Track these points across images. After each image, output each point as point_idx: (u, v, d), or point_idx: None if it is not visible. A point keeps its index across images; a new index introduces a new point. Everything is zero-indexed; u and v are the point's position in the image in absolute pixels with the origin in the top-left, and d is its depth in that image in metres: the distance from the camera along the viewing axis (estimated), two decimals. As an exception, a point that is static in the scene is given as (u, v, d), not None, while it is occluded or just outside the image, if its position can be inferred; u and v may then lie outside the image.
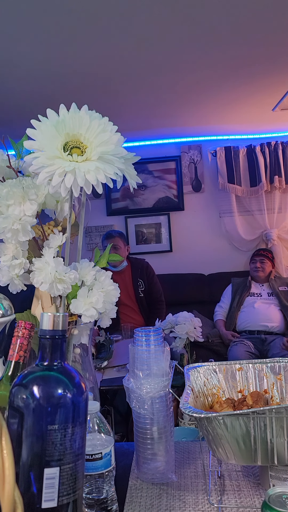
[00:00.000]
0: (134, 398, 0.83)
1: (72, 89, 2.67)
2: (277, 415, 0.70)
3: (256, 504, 0.76)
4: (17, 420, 0.55)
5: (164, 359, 0.84)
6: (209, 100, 3.05)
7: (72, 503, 0.56)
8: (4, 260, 0.75)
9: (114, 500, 0.75)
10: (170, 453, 0.85)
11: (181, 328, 1.81)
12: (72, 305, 0.74)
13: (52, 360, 0.59)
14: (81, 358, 0.82)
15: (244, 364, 0.95)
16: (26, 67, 2.34)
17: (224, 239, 4.04)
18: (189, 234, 4.06)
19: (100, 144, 0.68)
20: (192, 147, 4.02)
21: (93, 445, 0.72)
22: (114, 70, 2.46)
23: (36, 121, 0.68)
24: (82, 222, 0.78)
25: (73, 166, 0.65)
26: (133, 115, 3.28)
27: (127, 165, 0.74)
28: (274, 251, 3.81)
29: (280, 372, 0.93)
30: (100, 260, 0.81)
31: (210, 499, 0.78)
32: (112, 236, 3.23)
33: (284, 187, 3.86)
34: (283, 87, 2.83)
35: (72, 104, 0.70)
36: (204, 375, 0.94)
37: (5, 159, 0.78)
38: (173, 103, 3.08)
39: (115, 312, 0.79)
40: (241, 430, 0.71)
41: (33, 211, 0.71)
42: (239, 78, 2.67)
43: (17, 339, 0.69)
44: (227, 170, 3.88)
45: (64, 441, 0.55)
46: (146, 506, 0.78)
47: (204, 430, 0.75)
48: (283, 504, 0.59)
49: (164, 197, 4.07)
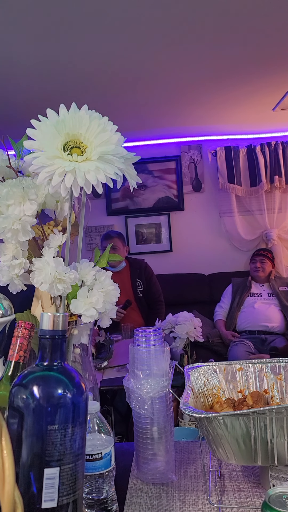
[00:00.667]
0: (134, 398, 0.82)
1: (72, 89, 2.67)
2: (277, 415, 0.70)
3: (256, 504, 0.76)
4: (17, 420, 0.55)
5: (164, 359, 0.84)
6: (209, 100, 3.05)
7: (72, 503, 0.56)
8: (4, 260, 0.74)
9: (114, 500, 0.75)
10: (170, 453, 0.85)
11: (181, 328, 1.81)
12: (72, 305, 0.74)
13: (52, 360, 0.59)
14: (81, 358, 0.82)
15: (244, 364, 0.95)
16: (26, 67, 2.34)
17: (224, 239, 4.04)
18: (189, 234, 4.06)
19: (100, 144, 0.67)
20: (192, 147, 4.02)
21: (93, 445, 0.72)
22: (114, 70, 2.46)
23: (36, 121, 0.68)
24: (82, 222, 0.78)
25: (73, 166, 0.65)
26: (133, 115, 3.28)
27: (127, 165, 0.74)
28: (274, 251, 3.81)
29: (280, 372, 0.93)
30: (100, 260, 0.81)
31: (210, 499, 0.78)
32: (110, 236, 3.23)
33: (284, 187, 3.86)
34: (283, 87, 2.83)
35: (72, 104, 0.70)
36: (204, 375, 0.94)
37: (5, 159, 0.78)
38: (173, 103, 3.08)
39: (115, 312, 0.79)
40: (241, 430, 0.71)
41: (33, 211, 0.71)
42: (239, 78, 2.67)
43: (17, 339, 0.69)
44: (227, 170, 3.88)
45: (64, 441, 0.55)
46: (146, 506, 0.78)
47: (204, 430, 0.75)
48: (283, 504, 0.59)
49: (164, 197, 4.07)
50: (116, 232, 3.37)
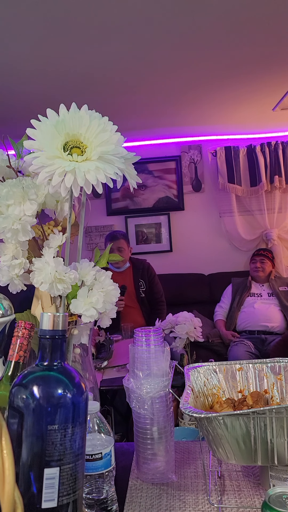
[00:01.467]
0: (134, 398, 0.82)
1: (72, 89, 2.67)
2: (277, 415, 0.70)
3: (256, 504, 0.76)
4: (17, 420, 0.55)
5: (164, 359, 0.84)
6: (209, 100, 3.05)
7: (72, 503, 0.56)
8: (4, 260, 0.74)
9: (114, 500, 0.75)
10: (170, 453, 0.85)
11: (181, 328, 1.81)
12: (72, 305, 0.74)
13: (52, 360, 0.59)
14: (81, 358, 0.82)
15: (244, 364, 0.95)
16: (26, 67, 2.34)
17: (224, 239, 4.04)
18: (189, 234, 4.06)
19: (100, 143, 0.67)
20: (192, 147, 4.02)
21: (93, 445, 0.72)
22: (114, 70, 2.46)
23: (36, 121, 0.67)
24: (82, 222, 0.78)
25: (73, 166, 0.65)
26: (133, 115, 3.28)
27: (127, 165, 0.74)
28: (274, 251, 3.81)
29: (280, 372, 0.93)
30: (100, 260, 0.80)
31: (210, 499, 0.78)
32: (117, 237, 3.19)
33: (284, 187, 3.86)
34: (283, 86, 2.83)
35: (72, 104, 0.70)
36: (204, 375, 0.94)
37: (5, 159, 0.78)
38: (173, 103, 3.08)
39: (115, 312, 0.79)
40: (241, 430, 0.71)
41: (33, 211, 0.71)
42: (239, 78, 2.67)
43: (17, 339, 0.69)
44: (227, 170, 3.88)
45: (64, 441, 0.55)
46: (146, 506, 0.78)
47: (204, 430, 0.75)
48: (283, 504, 0.59)
49: (164, 197, 4.07)
50: (121, 232, 3.35)
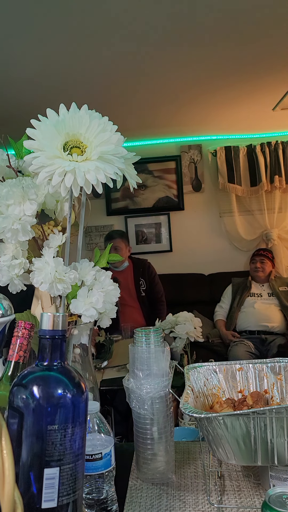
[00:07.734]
0: (134, 398, 0.82)
1: (72, 89, 2.67)
2: (277, 415, 0.70)
3: (256, 504, 0.76)
4: (17, 420, 0.55)
5: (164, 359, 0.84)
6: (209, 100, 3.05)
7: (72, 503, 0.56)
8: (4, 260, 0.74)
9: (114, 500, 0.75)
10: (170, 453, 0.85)
11: (181, 328, 1.80)
12: (72, 305, 0.74)
13: (52, 360, 0.58)
14: (81, 358, 0.82)
15: (244, 364, 0.95)
16: (26, 67, 2.34)
17: (224, 239, 4.04)
18: (189, 234, 4.06)
19: (100, 143, 0.67)
20: (192, 146, 4.02)
21: (93, 445, 0.72)
22: (114, 70, 2.45)
23: (36, 121, 0.67)
24: (82, 222, 0.78)
25: (73, 165, 0.65)
26: (133, 115, 3.28)
27: (127, 165, 0.74)
28: (274, 251, 3.81)
29: (280, 372, 0.93)
30: (100, 260, 0.80)
31: (210, 499, 0.78)
32: (112, 237, 3.23)
33: (284, 186, 3.86)
34: (283, 86, 2.83)
35: (72, 104, 0.69)
36: (204, 375, 0.93)
37: (5, 159, 0.78)
38: (173, 103, 3.08)
39: (115, 312, 0.79)
40: (241, 430, 0.71)
41: (33, 211, 0.71)
42: (239, 78, 2.67)
43: (17, 339, 0.69)
44: (227, 169, 3.88)
45: (64, 441, 0.55)
46: (146, 506, 0.78)
47: (204, 430, 0.75)
48: (283, 504, 0.59)
49: (164, 197, 4.07)
50: (118, 232, 3.36)
